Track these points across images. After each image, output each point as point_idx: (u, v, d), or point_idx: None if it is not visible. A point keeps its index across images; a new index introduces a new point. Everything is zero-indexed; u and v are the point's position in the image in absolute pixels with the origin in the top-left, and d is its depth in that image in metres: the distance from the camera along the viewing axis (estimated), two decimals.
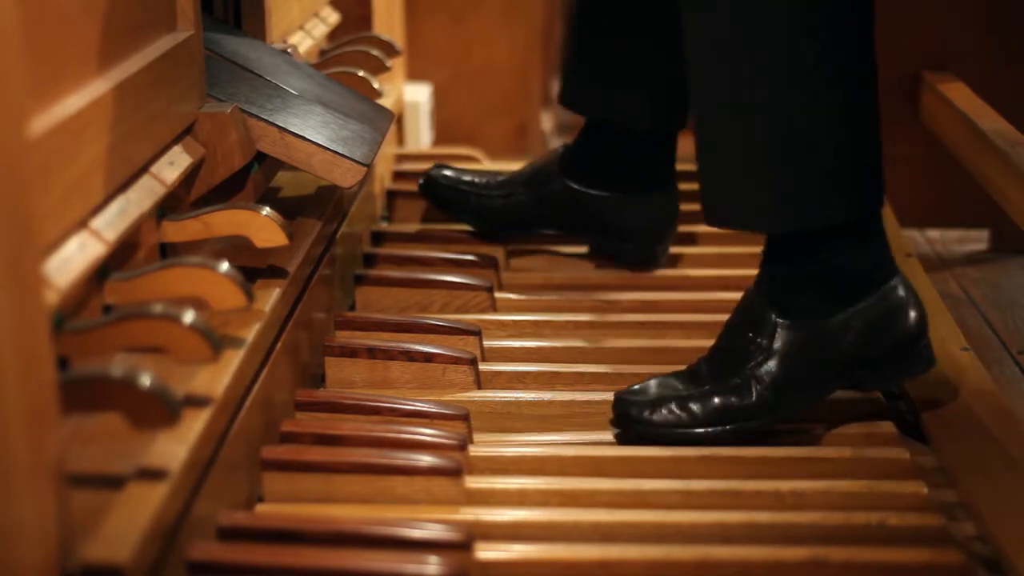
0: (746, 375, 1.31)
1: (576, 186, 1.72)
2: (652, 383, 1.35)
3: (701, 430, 1.31)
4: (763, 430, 1.32)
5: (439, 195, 1.78)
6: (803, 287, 1.33)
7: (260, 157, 1.37)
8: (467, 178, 1.78)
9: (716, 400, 1.31)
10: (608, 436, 1.34)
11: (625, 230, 1.72)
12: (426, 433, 1.26)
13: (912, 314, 1.34)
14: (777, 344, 1.31)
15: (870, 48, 1.30)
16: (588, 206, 1.72)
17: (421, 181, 1.79)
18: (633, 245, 1.73)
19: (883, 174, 1.33)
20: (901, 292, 1.34)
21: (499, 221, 1.77)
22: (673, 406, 1.31)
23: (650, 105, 1.69)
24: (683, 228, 1.82)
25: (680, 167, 1.75)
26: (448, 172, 1.79)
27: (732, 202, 1.34)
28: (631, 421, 1.32)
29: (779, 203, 1.31)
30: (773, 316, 1.32)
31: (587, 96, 1.74)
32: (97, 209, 1.02)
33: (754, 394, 1.31)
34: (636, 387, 1.35)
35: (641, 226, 1.72)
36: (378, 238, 1.80)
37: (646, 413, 1.32)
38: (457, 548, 1.09)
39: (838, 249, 1.32)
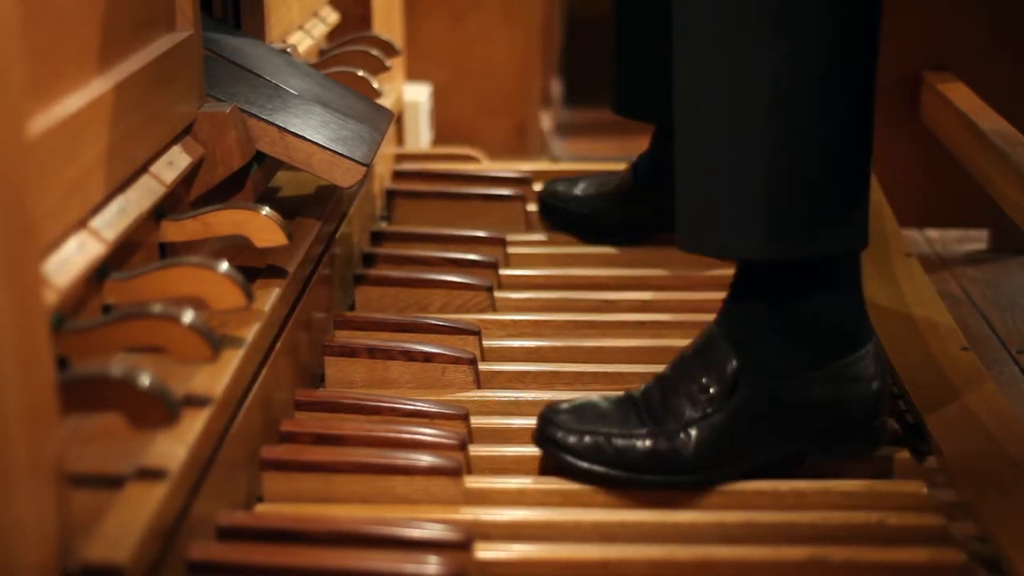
0: (688, 423, 1.21)
1: (653, 195, 1.75)
2: (585, 406, 1.25)
3: (620, 473, 1.21)
4: (684, 488, 1.21)
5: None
6: (767, 342, 1.22)
7: (259, 157, 1.37)
8: (574, 192, 1.84)
9: (648, 443, 1.21)
10: None
11: None
12: (426, 433, 1.26)
13: (874, 386, 1.24)
14: (734, 400, 1.21)
15: (872, 81, 1.22)
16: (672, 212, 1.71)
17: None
18: None
19: (868, 218, 1.23)
20: (870, 364, 1.24)
21: (587, 231, 1.82)
22: (600, 439, 1.21)
23: None
24: None
25: None
26: (559, 187, 1.85)
27: (712, 228, 1.22)
28: (550, 443, 1.23)
29: (764, 230, 1.19)
30: (733, 364, 1.21)
31: (643, 103, 1.75)
32: (96, 209, 1.02)
33: (691, 446, 1.20)
34: (567, 405, 1.26)
35: None
36: (378, 238, 1.80)
37: (571, 440, 1.22)
38: (457, 548, 1.09)
39: (809, 294, 1.22)
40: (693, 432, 1.20)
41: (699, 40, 1.20)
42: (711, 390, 1.21)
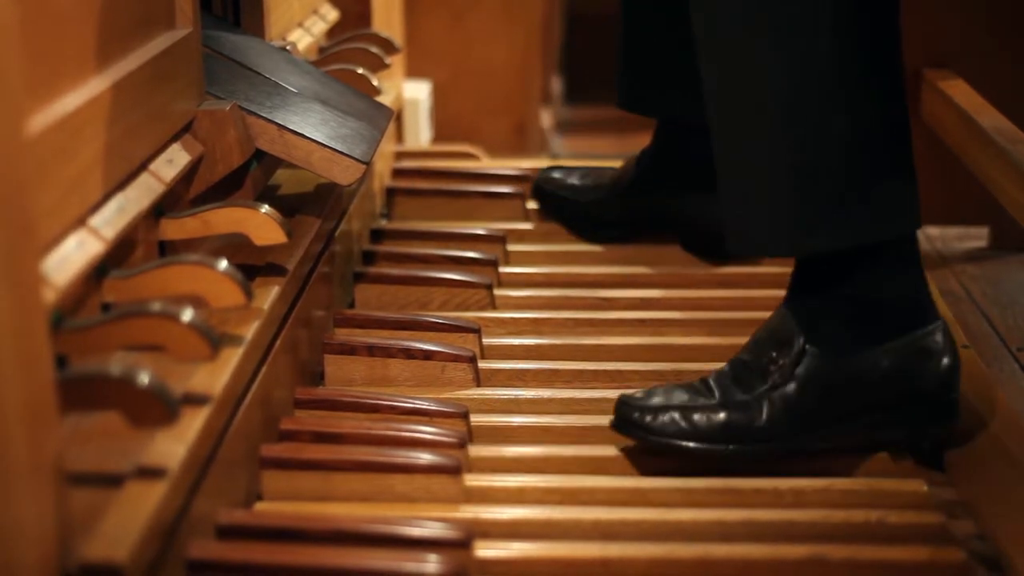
0: (760, 395, 1.25)
1: (654, 191, 1.74)
2: (659, 390, 1.29)
3: (699, 444, 1.25)
4: (761, 459, 1.25)
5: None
6: (833, 315, 1.26)
7: (259, 155, 1.37)
8: (571, 180, 1.83)
9: (722, 415, 1.25)
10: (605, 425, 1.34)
11: (711, 226, 1.68)
12: (425, 431, 1.26)
13: (945, 361, 1.27)
14: (800, 370, 1.24)
15: (899, 63, 1.25)
16: (673, 208, 1.74)
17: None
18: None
19: (918, 198, 1.26)
20: (938, 338, 1.27)
21: (582, 221, 1.81)
22: (676, 415, 1.25)
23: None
24: None
25: None
26: (556, 174, 1.85)
27: (754, 227, 1.27)
28: (630, 425, 1.27)
29: (806, 225, 1.24)
30: (801, 340, 1.25)
31: (647, 97, 1.74)
32: (96, 207, 1.02)
33: (764, 416, 1.24)
34: (641, 392, 1.30)
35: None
36: (377, 235, 1.79)
37: (647, 419, 1.26)
38: (456, 546, 1.09)
39: (869, 275, 1.25)
40: (764, 402, 1.24)
41: (718, 47, 1.24)
42: (780, 362, 1.25)
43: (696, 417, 1.25)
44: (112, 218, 1.03)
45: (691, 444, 1.25)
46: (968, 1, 2.04)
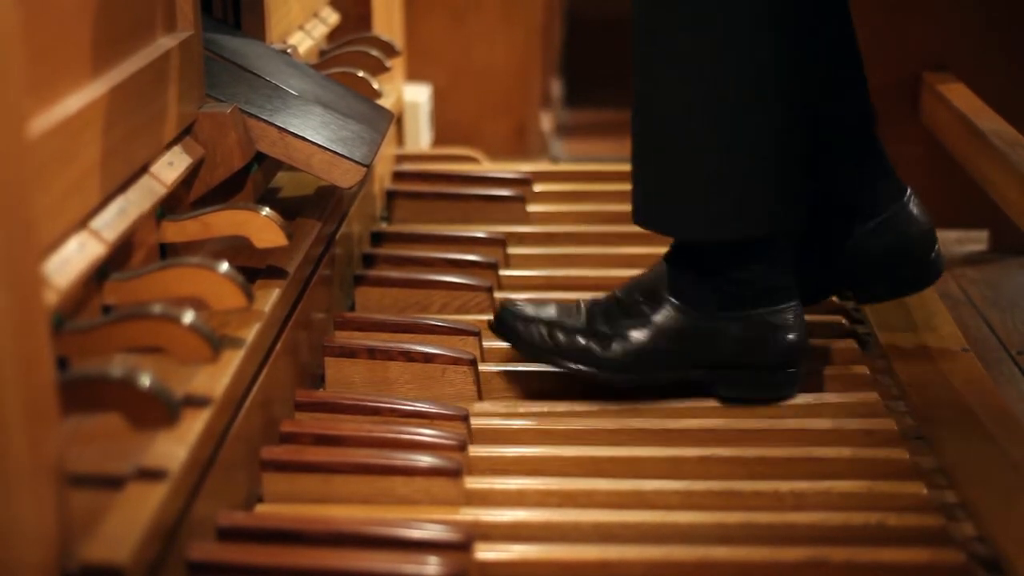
0: (617, 330, 1.40)
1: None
2: (534, 304, 1.46)
3: (556, 359, 1.41)
4: (604, 384, 1.40)
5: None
6: (700, 282, 1.40)
7: (260, 157, 1.37)
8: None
9: (580, 340, 1.41)
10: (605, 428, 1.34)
11: None
12: (425, 433, 1.27)
13: (791, 337, 1.40)
14: (657, 318, 1.40)
15: (809, 92, 1.40)
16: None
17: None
18: None
19: (804, 202, 1.41)
20: (788, 316, 1.40)
21: None
22: (543, 328, 1.41)
23: None
24: None
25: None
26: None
27: (665, 206, 1.43)
28: (504, 326, 1.43)
29: (713, 214, 1.39)
30: (666, 293, 1.40)
31: None
32: (96, 209, 1.02)
33: (616, 350, 1.40)
34: (522, 302, 1.47)
35: None
36: (378, 238, 1.80)
37: (519, 325, 1.42)
38: (456, 548, 1.09)
39: (739, 260, 1.39)
40: (618, 339, 1.40)
41: (651, 53, 1.39)
42: (644, 308, 1.41)
43: (560, 335, 1.41)
44: (113, 220, 1.03)
45: (551, 357, 1.41)
46: (967, 5, 2.05)
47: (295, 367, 1.36)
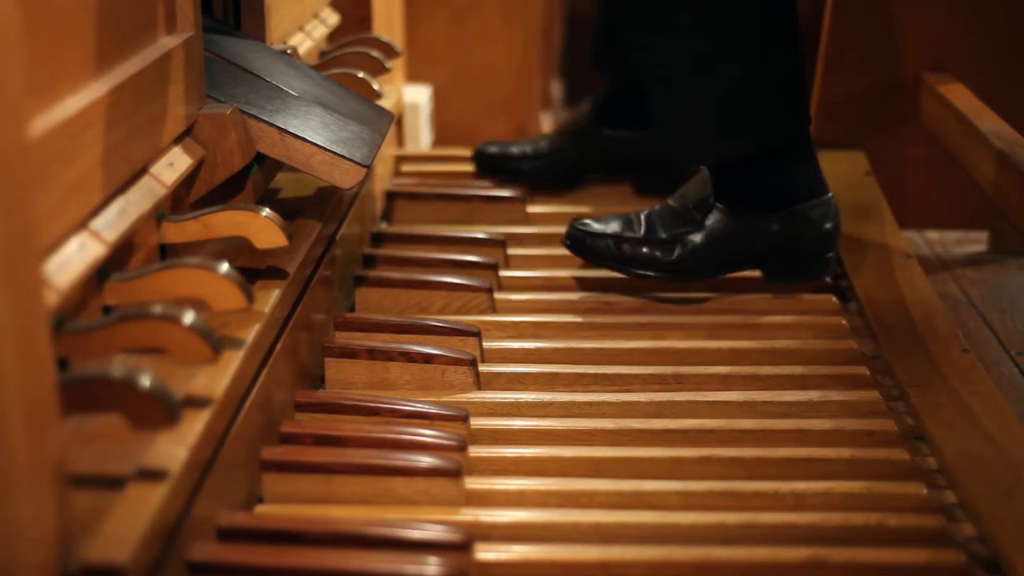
0: (675, 236, 1.63)
1: (611, 131, 1.98)
2: (601, 219, 1.67)
3: (625, 268, 1.65)
4: (668, 284, 1.65)
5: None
6: (741, 187, 1.63)
7: (260, 158, 1.37)
8: (515, 150, 2.02)
9: (644, 249, 1.64)
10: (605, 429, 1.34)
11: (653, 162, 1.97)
12: (426, 434, 1.27)
13: (826, 226, 1.63)
14: (709, 221, 1.63)
15: (793, 15, 1.61)
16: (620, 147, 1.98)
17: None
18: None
19: (806, 107, 1.65)
20: (823, 210, 1.63)
21: (541, 178, 2.00)
22: (610, 242, 1.64)
23: None
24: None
25: None
26: (493, 149, 2.04)
27: (686, 144, 1.67)
28: (575, 242, 1.66)
29: (724, 137, 1.63)
30: (713, 200, 1.63)
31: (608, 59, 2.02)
32: (97, 210, 1.02)
33: (676, 254, 1.63)
34: (588, 219, 1.67)
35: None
36: (378, 239, 1.80)
37: (588, 240, 1.65)
38: (457, 549, 1.10)
39: (770, 165, 1.62)
40: (678, 243, 1.63)
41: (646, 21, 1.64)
42: (696, 214, 1.64)
43: (625, 247, 1.64)
44: (113, 221, 1.03)
45: (620, 267, 1.65)
46: (967, 6, 2.05)
47: (295, 368, 1.36)
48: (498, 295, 1.65)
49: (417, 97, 2.38)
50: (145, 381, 0.92)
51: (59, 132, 0.94)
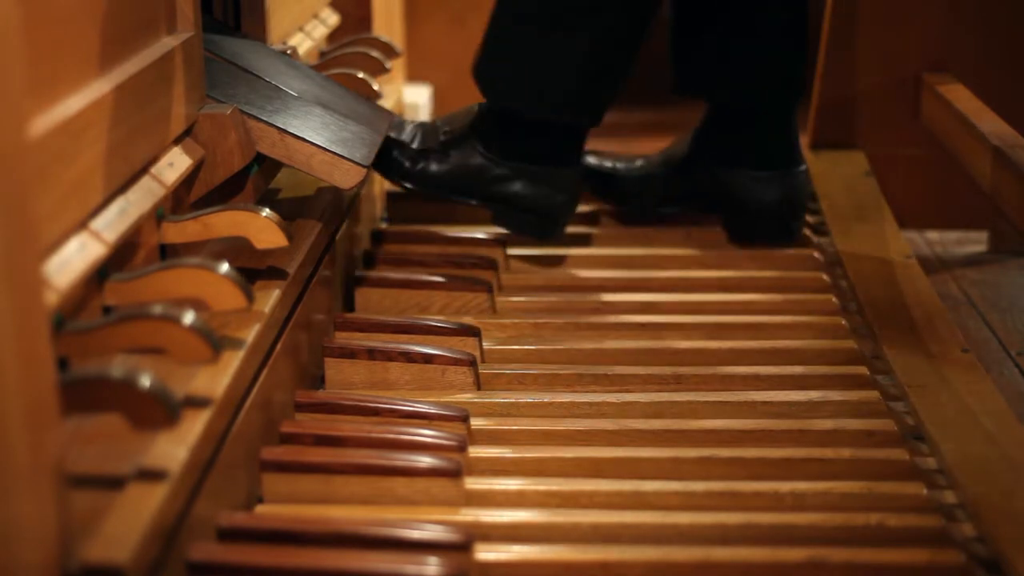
0: (424, 153, 1.72)
1: (712, 165, 1.85)
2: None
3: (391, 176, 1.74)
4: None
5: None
6: (503, 136, 1.71)
7: (260, 158, 1.37)
8: (608, 163, 1.94)
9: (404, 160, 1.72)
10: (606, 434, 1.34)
11: (762, 205, 1.81)
12: (426, 434, 1.27)
13: (560, 197, 1.71)
14: (457, 152, 1.72)
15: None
16: (724, 183, 1.83)
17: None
18: (769, 221, 1.81)
19: (604, 105, 1.71)
20: (564, 179, 1.71)
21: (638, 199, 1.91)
22: (395, 151, 1.70)
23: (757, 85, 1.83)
24: (680, 231, 1.83)
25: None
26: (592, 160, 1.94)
27: (490, 67, 1.76)
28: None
29: (521, 90, 1.70)
30: (470, 133, 1.72)
31: (700, 82, 1.87)
32: (97, 210, 1.02)
33: (419, 169, 1.72)
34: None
35: (776, 200, 1.81)
36: (378, 239, 1.80)
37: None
38: (457, 549, 1.10)
39: (545, 131, 1.69)
40: (427, 160, 1.73)
41: None
42: (450, 142, 1.73)
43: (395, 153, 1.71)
44: (113, 221, 1.03)
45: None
46: (967, 6, 2.05)
47: (295, 368, 1.36)
48: (498, 295, 1.65)
49: (417, 97, 2.38)
50: (145, 381, 0.92)
51: (59, 132, 0.94)
